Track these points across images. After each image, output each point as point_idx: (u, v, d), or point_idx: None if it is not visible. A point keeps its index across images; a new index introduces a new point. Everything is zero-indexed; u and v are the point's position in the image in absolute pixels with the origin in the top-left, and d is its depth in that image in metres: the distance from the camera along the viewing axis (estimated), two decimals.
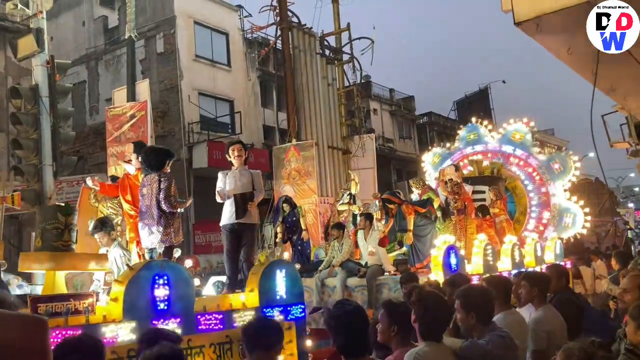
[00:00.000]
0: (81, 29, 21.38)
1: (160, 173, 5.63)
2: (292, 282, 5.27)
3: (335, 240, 8.83)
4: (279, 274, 5.19)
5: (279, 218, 9.94)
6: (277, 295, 5.13)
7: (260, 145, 20.34)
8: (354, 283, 8.23)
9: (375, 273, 8.12)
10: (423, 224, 8.78)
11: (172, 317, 4.24)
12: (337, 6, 17.73)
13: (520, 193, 12.30)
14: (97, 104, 20.37)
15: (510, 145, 12.56)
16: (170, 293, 4.29)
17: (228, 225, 6.19)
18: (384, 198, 9.35)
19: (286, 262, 5.73)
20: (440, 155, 13.28)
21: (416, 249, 8.56)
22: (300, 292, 5.37)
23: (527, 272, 5.61)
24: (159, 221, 5.47)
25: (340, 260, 8.50)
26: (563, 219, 11.93)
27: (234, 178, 6.34)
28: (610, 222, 22.31)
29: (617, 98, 8.63)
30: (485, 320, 3.50)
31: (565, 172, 12.07)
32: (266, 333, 3.15)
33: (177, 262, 5.33)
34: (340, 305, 3.12)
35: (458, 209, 9.28)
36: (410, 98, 33.47)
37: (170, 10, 18.74)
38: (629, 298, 3.53)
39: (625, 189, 47.70)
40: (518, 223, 12.06)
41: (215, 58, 19.84)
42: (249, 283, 5.16)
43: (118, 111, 11.77)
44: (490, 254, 8.50)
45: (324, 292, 8.43)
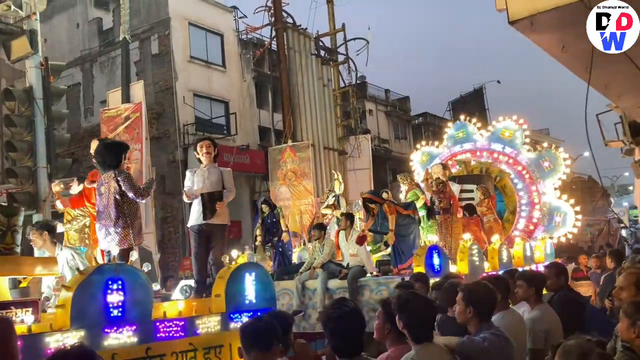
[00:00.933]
0: (75, 31, 21.33)
1: (116, 171, 5.29)
2: (262, 285, 5.01)
3: (317, 241, 8.57)
4: (248, 277, 4.93)
5: (258, 219, 9.70)
6: (245, 300, 4.87)
7: (256, 146, 20.32)
8: (335, 285, 7.99)
9: (356, 274, 7.84)
10: (406, 223, 8.46)
11: (126, 324, 3.97)
12: (331, 7, 17.76)
13: (509, 192, 12.15)
14: (91, 106, 20.32)
15: (499, 143, 12.42)
16: (125, 299, 4.00)
17: (195, 226, 5.93)
18: (364, 198, 9.08)
19: (256, 265, 5.45)
20: (429, 153, 13.15)
21: (399, 249, 8.24)
22: (271, 297, 5.14)
23: (524, 272, 5.61)
24: (116, 222, 5.18)
25: (321, 261, 8.23)
26: (553, 218, 11.82)
27: (202, 176, 6.06)
28: (603, 220, 22.26)
29: (612, 96, 8.67)
30: (483, 316, 3.51)
31: (555, 170, 11.95)
32: (264, 333, 3.13)
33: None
34: (338, 307, 3.10)
35: (443, 208, 9.02)
36: (405, 99, 33.53)
37: (165, 11, 18.71)
38: (624, 296, 3.53)
39: (620, 187, 47.87)
40: (508, 222, 11.93)
41: (210, 59, 19.82)
42: (215, 287, 4.91)
43: (113, 113, 11.74)
44: (476, 254, 8.32)
45: (304, 295, 8.20)
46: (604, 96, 8.64)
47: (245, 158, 18.59)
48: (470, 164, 12.14)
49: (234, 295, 4.79)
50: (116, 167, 5.33)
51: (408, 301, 3.14)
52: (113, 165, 5.33)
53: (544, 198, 11.83)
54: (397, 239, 8.24)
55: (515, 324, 4.19)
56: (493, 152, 12.37)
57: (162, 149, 18.04)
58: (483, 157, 12.34)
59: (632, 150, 15.96)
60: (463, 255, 8.12)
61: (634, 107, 9.20)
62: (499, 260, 8.89)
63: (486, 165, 12.05)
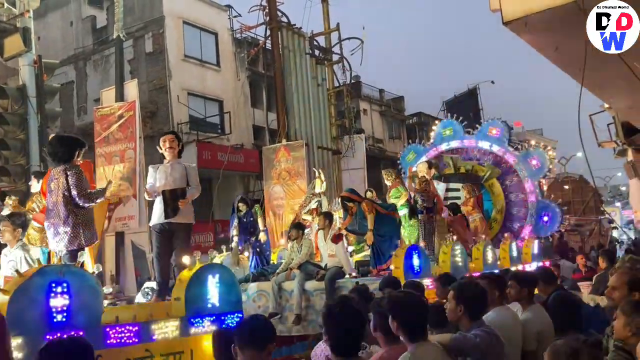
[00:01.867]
0: (69, 29, 21.23)
1: (67, 166, 4.96)
2: (227, 288, 4.75)
3: (294, 241, 8.34)
4: (211, 279, 4.66)
5: (235, 218, 9.33)
6: (208, 303, 4.63)
7: (250, 145, 20.30)
8: (312, 286, 7.74)
9: (333, 276, 7.57)
10: (385, 222, 8.16)
11: (72, 329, 3.68)
12: (326, 6, 17.75)
13: (497, 191, 11.94)
14: (85, 105, 20.23)
15: (486, 141, 12.23)
16: (70, 303, 3.73)
17: (157, 225, 5.64)
18: (342, 196, 8.80)
19: (221, 266, 5.18)
20: (416, 151, 13.01)
21: (378, 249, 7.92)
22: (237, 300, 4.89)
23: (516, 272, 5.64)
24: (66, 220, 4.87)
25: (298, 262, 8.00)
26: (541, 217, 11.63)
27: (165, 173, 5.81)
28: (594, 221, 22.20)
29: (605, 98, 8.70)
30: (473, 315, 3.55)
31: (543, 169, 11.79)
32: (259, 332, 3.12)
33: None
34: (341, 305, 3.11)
35: (426, 207, 8.79)
36: (400, 98, 33.57)
37: (159, 10, 18.66)
38: (617, 295, 3.56)
39: (613, 188, 48.16)
40: (495, 222, 11.76)
41: (204, 58, 19.78)
42: (174, 290, 4.66)
43: (106, 111, 11.68)
44: (460, 254, 8.10)
45: (281, 297, 7.96)
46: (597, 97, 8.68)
47: (239, 157, 18.57)
48: (458, 162, 11.94)
49: (195, 299, 4.56)
50: (67, 161, 5.02)
51: (402, 301, 3.15)
52: (64, 160, 5.02)
53: (531, 197, 11.66)
54: (377, 239, 7.94)
55: (510, 320, 4.22)
56: (480, 150, 12.23)
57: (156, 148, 17.91)
58: (471, 155, 12.21)
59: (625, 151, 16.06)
60: (445, 255, 7.90)
61: (627, 108, 9.24)
62: (483, 261, 8.65)
63: (473, 164, 11.91)
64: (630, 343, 2.94)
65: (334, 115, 17.76)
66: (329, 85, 17.74)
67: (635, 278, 3.72)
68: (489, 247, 8.98)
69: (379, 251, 7.87)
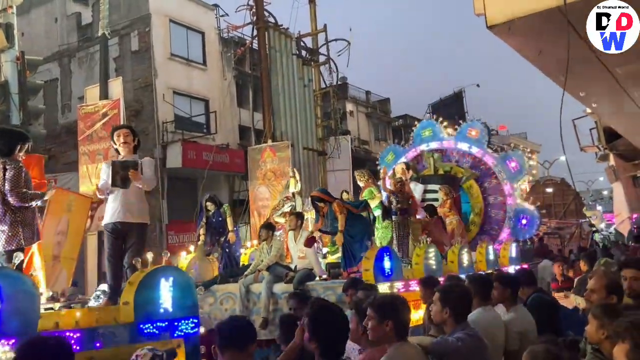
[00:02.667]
0: (53, 25, 20.99)
1: (6, 160, 4.66)
2: (182, 292, 4.53)
3: (264, 242, 8.08)
4: (164, 283, 4.43)
5: (202, 218, 9.00)
6: (160, 308, 4.38)
7: (235, 145, 20.22)
8: (280, 289, 7.47)
9: (302, 278, 7.30)
10: (357, 224, 7.89)
11: (3, 337, 3.43)
12: (314, 7, 17.75)
13: (475, 193, 11.73)
14: (69, 102, 20.01)
15: (465, 142, 12.06)
16: (2, 308, 3.50)
17: (110, 224, 5.32)
18: (312, 196, 8.51)
19: (175, 269, 4.95)
20: (395, 152, 12.85)
21: (349, 251, 7.63)
22: (193, 304, 4.66)
23: (499, 273, 5.68)
24: (2, 219, 4.57)
25: (267, 263, 7.73)
26: (519, 220, 11.44)
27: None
28: (575, 224, 22.18)
29: (587, 103, 8.83)
30: (458, 317, 3.57)
31: (522, 171, 11.59)
32: (240, 332, 3.10)
33: None
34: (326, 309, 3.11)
35: (401, 209, 8.53)
36: (386, 100, 33.68)
37: (146, 8, 18.51)
38: (595, 298, 3.60)
39: (595, 192, 48.73)
40: (473, 225, 11.57)
41: (190, 57, 19.67)
42: (124, 294, 4.42)
43: (90, 109, 11.59)
44: (434, 257, 7.89)
45: (249, 299, 7.71)
46: (580, 102, 8.80)
47: (225, 157, 18.49)
48: (437, 164, 11.75)
49: (145, 303, 4.31)
50: (7, 155, 4.72)
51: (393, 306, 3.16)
52: (3, 153, 4.72)
53: (509, 200, 11.51)
54: (348, 240, 7.69)
55: (493, 321, 4.26)
56: (459, 152, 12.07)
57: (140, 147, 17.76)
58: (450, 157, 12.05)
59: (607, 156, 16.33)
60: (419, 258, 7.72)
61: (609, 113, 9.39)
62: (458, 264, 8.44)
63: (452, 165, 11.71)
64: (605, 346, 2.97)
65: (320, 116, 17.77)
66: (315, 86, 17.74)
67: (613, 281, 3.77)
68: (464, 249, 8.81)
69: (350, 253, 7.64)
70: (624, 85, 6.78)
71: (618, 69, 5.91)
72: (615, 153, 15.11)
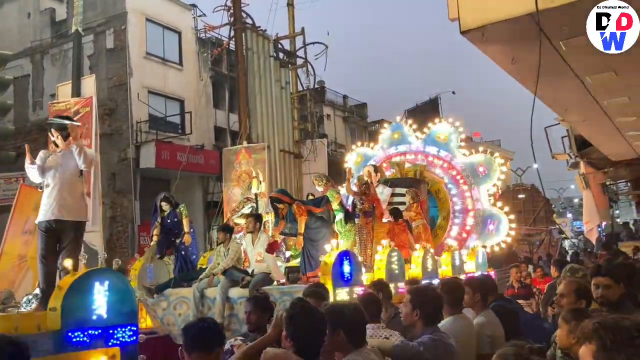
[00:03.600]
0: (26, 21, 20.57)
1: None
2: (119, 297, 4.24)
3: (221, 244, 7.76)
4: (98, 287, 4.13)
5: (156, 219, 8.58)
6: (92, 314, 4.08)
7: (210, 146, 20.06)
8: (236, 294, 7.20)
9: (259, 282, 7.03)
10: (317, 226, 7.60)
11: None
12: (292, 10, 17.75)
13: (443, 197, 11.46)
14: (41, 99, 19.62)
15: (434, 146, 11.78)
16: None
17: (43, 223, 4.98)
18: (271, 197, 8.21)
19: (111, 272, 4.64)
20: (364, 155, 12.58)
21: (309, 255, 7.37)
22: (131, 311, 4.38)
23: (470, 278, 5.70)
24: None
25: (223, 267, 7.43)
26: (487, 225, 11.17)
27: (56, 162, 5.14)
28: (545, 230, 22.13)
29: (558, 110, 8.97)
30: (427, 320, 3.56)
31: (490, 176, 11.34)
32: (208, 334, 3.06)
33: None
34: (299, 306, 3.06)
35: (364, 211, 8.27)
36: (363, 105, 33.82)
37: (122, 6, 18.28)
38: (565, 302, 3.63)
39: (566, 200, 49.62)
40: (441, 229, 11.29)
41: (166, 56, 19.46)
42: (51, 299, 4.09)
43: (62, 106, 11.34)
44: (396, 261, 7.63)
45: (203, 304, 7.43)
46: (552, 110, 8.93)
47: (200, 158, 18.33)
48: (404, 166, 11.41)
49: (74, 309, 3.98)
50: None
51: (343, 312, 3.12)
52: None
53: (477, 204, 11.19)
54: (308, 244, 7.42)
55: (465, 328, 4.26)
56: (428, 155, 11.78)
57: (113, 146, 17.58)
58: (418, 160, 11.70)
59: (578, 164, 16.59)
60: (381, 262, 7.43)
61: (580, 121, 9.54)
62: (422, 269, 8.22)
63: (420, 168, 11.34)
64: (575, 351, 2.96)
65: (297, 119, 17.75)
66: (292, 89, 17.72)
67: (582, 286, 3.81)
68: (429, 254, 8.60)
69: (309, 256, 7.36)
70: (594, 94, 6.89)
71: (588, 77, 6.01)
72: (586, 161, 15.37)
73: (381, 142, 12.70)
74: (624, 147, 11.65)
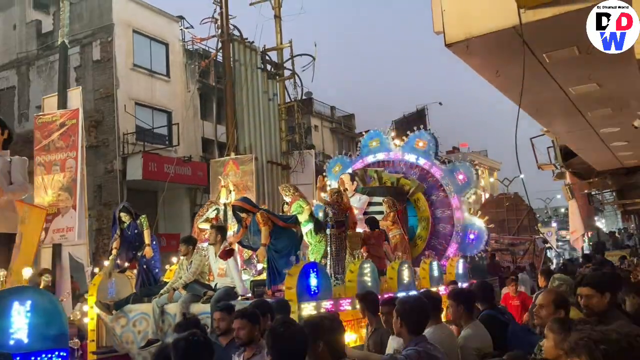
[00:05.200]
0: (12, 32, 20.46)
1: None
2: (44, 319, 3.81)
3: (184, 257, 7.32)
4: (17, 307, 3.69)
5: (116, 231, 8.10)
6: (9, 339, 3.63)
7: (198, 158, 20.02)
8: (198, 310, 6.71)
9: (221, 297, 6.54)
10: (283, 237, 7.20)
11: None
12: (279, 22, 17.80)
13: (422, 206, 11.05)
14: (27, 111, 19.48)
15: (413, 154, 11.53)
16: None
17: None
18: (234, 205, 7.79)
19: (35, 290, 4.17)
20: (342, 163, 12.39)
21: (274, 267, 6.94)
22: (60, 334, 3.91)
23: (452, 290, 5.69)
24: None
25: (184, 281, 7.00)
26: (467, 235, 10.89)
27: None
28: (529, 240, 21.82)
29: (543, 121, 9.06)
30: (413, 329, 3.60)
31: (470, 184, 11.12)
32: (196, 348, 3.04)
33: None
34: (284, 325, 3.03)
35: (337, 221, 7.73)
36: (350, 116, 34.00)
37: (109, 17, 18.26)
38: (544, 313, 3.63)
39: (552, 210, 49.97)
40: (420, 239, 10.94)
41: (153, 68, 19.44)
42: None
43: (48, 119, 11.27)
44: (369, 273, 7.25)
45: (163, 321, 6.95)
46: (537, 121, 9.02)
47: (187, 169, 18.27)
48: (384, 176, 11.14)
49: None
50: None
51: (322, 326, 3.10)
52: None
53: (457, 213, 10.86)
54: (273, 256, 7.00)
55: (446, 338, 4.26)
56: (406, 164, 11.52)
57: (100, 158, 17.49)
58: (397, 168, 11.47)
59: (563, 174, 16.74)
60: (352, 274, 7.08)
61: (564, 132, 9.64)
62: (398, 281, 7.82)
63: (399, 177, 11.07)
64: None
65: (285, 130, 17.77)
66: (280, 100, 17.74)
67: (561, 296, 3.83)
68: (405, 265, 8.20)
69: (275, 269, 6.94)
70: (578, 106, 6.98)
71: (572, 89, 6.09)
72: (571, 171, 15.51)
73: (359, 150, 12.54)
74: (609, 157, 11.79)
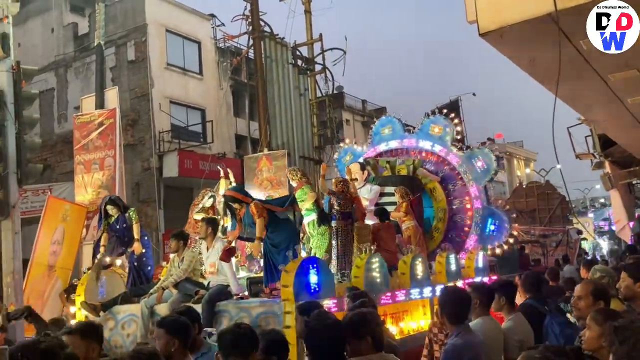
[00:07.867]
0: (50, 36, 21.04)
1: None
2: None
3: (175, 254, 6.78)
4: None
5: (102, 225, 7.63)
6: None
7: (232, 154, 20.24)
8: None
9: (213, 297, 6.05)
10: (281, 229, 6.61)
11: None
12: (309, 17, 17.86)
13: (439, 197, 10.22)
14: (65, 112, 20.03)
15: (428, 140, 10.66)
16: None
17: None
18: (225, 195, 7.15)
19: None
20: (353, 153, 11.57)
21: (272, 263, 6.36)
22: None
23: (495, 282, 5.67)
24: None
25: (175, 279, 6.49)
26: (487, 226, 10.10)
27: None
28: (562, 231, 20.49)
29: (580, 110, 8.85)
30: (453, 320, 3.71)
31: (489, 171, 10.28)
32: (242, 340, 3.11)
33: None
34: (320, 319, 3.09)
35: (342, 212, 7.07)
36: (382, 109, 33.74)
37: (142, 18, 18.59)
38: (582, 305, 3.60)
39: (591, 199, 48.86)
40: (437, 231, 10.13)
41: (187, 66, 19.73)
42: None
43: (86, 119, 11.60)
44: (378, 267, 6.62)
45: (153, 322, 6.19)
46: (574, 109, 8.82)
47: (221, 166, 18.49)
48: (397, 163, 10.32)
49: None
50: None
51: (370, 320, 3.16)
52: None
53: (476, 203, 10.03)
54: (269, 250, 6.44)
55: (492, 330, 4.25)
56: (421, 151, 10.67)
57: (137, 156, 17.87)
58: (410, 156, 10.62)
59: (602, 163, 16.33)
60: (358, 270, 6.43)
61: (602, 120, 9.41)
62: (410, 276, 7.20)
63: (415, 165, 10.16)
64: (602, 354, 2.89)
65: (317, 125, 17.83)
66: (311, 95, 17.81)
67: (600, 287, 3.78)
68: (418, 259, 7.49)
69: (272, 265, 6.35)
70: (617, 93, 6.80)
71: (611, 76, 5.94)
72: (611, 160, 15.12)
73: (371, 138, 11.66)
74: None
